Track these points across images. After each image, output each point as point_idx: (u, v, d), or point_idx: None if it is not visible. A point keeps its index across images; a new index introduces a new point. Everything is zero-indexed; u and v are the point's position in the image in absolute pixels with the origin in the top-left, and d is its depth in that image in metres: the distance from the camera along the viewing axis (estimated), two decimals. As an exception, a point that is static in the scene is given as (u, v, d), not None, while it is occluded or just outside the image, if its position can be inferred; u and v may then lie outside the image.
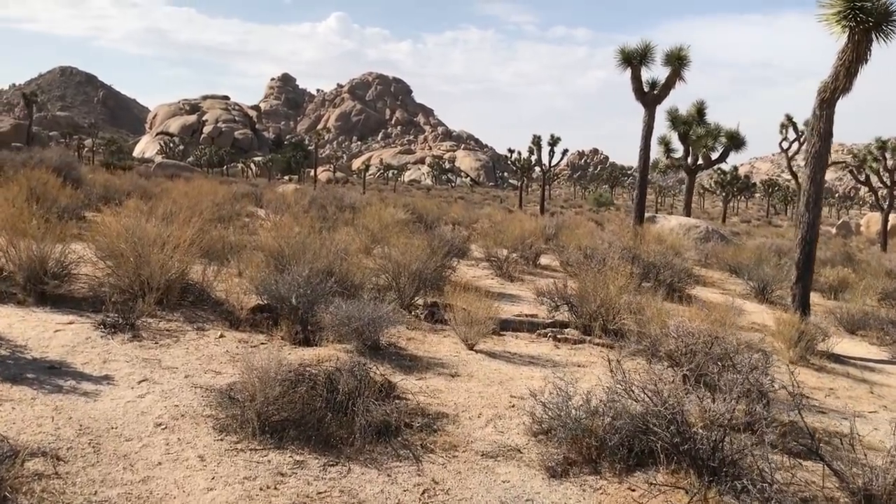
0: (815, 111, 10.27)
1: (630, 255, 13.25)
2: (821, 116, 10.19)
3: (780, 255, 23.03)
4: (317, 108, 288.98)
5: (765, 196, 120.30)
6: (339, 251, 10.52)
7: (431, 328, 9.27)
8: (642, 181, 20.49)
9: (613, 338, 9.29)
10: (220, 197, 20.50)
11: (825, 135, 10.15)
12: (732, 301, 12.10)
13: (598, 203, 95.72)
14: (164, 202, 14.83)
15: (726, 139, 32.22)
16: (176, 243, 8.67)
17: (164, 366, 6.52)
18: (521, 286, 13.61)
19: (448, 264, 12.35)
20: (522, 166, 77.62)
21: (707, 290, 15.52)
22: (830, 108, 10.10)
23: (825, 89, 10.02)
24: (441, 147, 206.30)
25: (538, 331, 9.57)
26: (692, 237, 25.66)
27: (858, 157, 49.57)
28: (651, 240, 18.88)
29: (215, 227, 13.54)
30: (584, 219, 42.44)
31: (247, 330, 7.96)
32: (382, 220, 16.15)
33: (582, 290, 9.81)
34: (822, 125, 10.19)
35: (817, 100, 10.20)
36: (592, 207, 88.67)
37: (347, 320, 7.40)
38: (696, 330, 6.90)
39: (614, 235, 24.99)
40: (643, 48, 19.55)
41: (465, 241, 15.79)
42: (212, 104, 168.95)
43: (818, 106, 10.20)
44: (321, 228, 14.81)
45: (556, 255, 17.77)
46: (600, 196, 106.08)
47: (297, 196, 24.04)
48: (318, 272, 9.03)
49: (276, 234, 11.55)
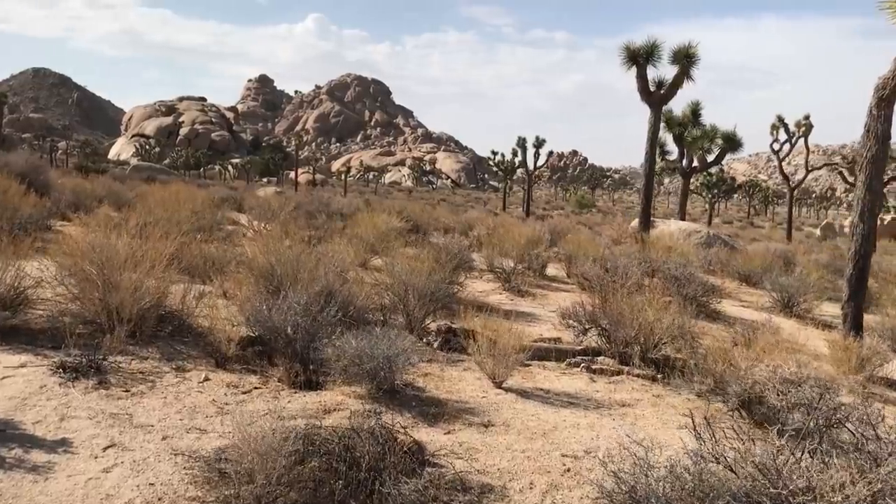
0: (872, 111, 9.17)
1: (650, 267, 12.12)
2: (878, 117, 9.10)
3: (788, 263, 22.08)
4: (295, 109, 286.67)
5: (744, 197, 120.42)
6: (338, 269, 9.29)
7: (448, 359, 8.06)
8: (648, 185, 19.41)
9: (655, 368, 8.15)
10: (200, 203, 19.16)
11: (883, 137, 9.07)
12: (769, 319, 10.99)
13: (579, 205, 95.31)
14: (138, 211, 13.53)
15: (723, 141, 31.31)
16: (151, 263, 7.42)
17: (137, 423, 5.27)
18: (534, 302, 12.44)
19: (456, 279, 11.15)
20: (506, 168, 76.74)
21: (727, 303, 14.43)
22: (889, 108, 9.02)
23: (884, 86, 8.93)
24: (421, 149, 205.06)
25: (568, 360, 8.39)
26: (693, 242, 24.62)
27: (848, 158, 48.95)
28: (660, 248, 17.81)
29: (195, 239, 12.26)
30: (573, 222, 41.44)
31: (236, 369, 6.71)
32: (377, 229, 14.92)
33: (616, 313, 8.64)
34: (879, 126, 9.11)
35: (874, 98, 9.10)
36: (574, 209, 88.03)
37: (358, 359, 6.18)
38: (794, 375, 5.74)
39: (614, 241, 23.92)
40: (649, 46, 18.46)
41: (466, 250, 14.58)
42: (188, 106, 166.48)
43: (875, 105, 9.10)
44: (312, 239, 13.57)
45: (562, 265, 16.63)
46: (582, 198, 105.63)
47: (282, 202, 22.72)
48: (317, 295, 7.82)
49: (263, 248, 10.31)
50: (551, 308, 11.98)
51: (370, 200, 39.22)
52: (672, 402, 7.31)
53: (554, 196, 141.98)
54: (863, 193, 9.45)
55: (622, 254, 13.08)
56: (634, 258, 12.17)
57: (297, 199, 28.46)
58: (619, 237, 25.37)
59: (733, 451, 4.54)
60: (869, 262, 9.72)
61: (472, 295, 12.11)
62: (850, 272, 9.94)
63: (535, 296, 12.98)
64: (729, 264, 19.75)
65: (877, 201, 9.59)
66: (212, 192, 34.12)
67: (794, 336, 11.60)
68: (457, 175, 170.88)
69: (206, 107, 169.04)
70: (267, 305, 7.18)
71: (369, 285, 9.96)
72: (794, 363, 6.54)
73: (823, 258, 28.72)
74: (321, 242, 14.09)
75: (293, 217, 18.31)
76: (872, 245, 9.53)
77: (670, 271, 12.48)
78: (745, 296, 16.25)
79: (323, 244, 14.25)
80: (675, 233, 25.15)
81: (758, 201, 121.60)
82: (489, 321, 10.33)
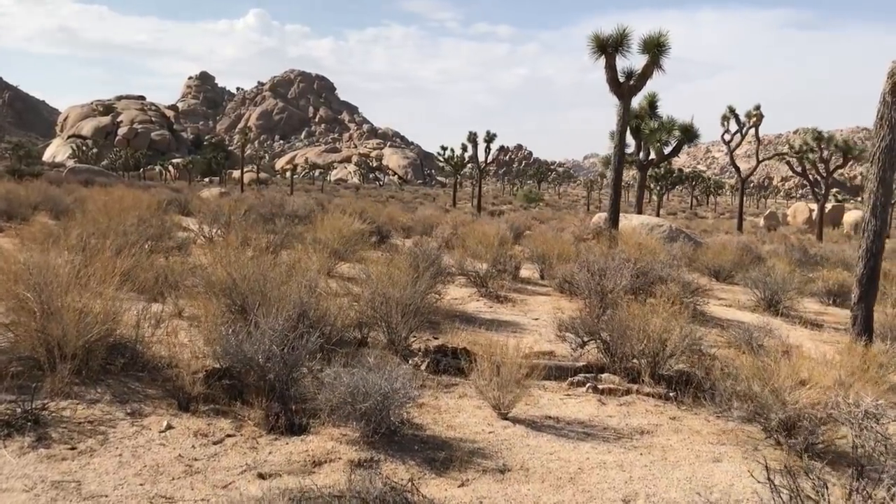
0: (885, 97, 8.56)
1: (639, 269, 11.39)
2: (892, 104, 8.49)
3: (756, 257, 21.70)
4: (237, 106, 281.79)
5: (685, 188, 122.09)
6: (308, 282, 8.34)
7: (440, 383, 7.18)
8: (617, 180, 18.75)
9: (666, 385, 7.40)
10: (146, 208, 17.92)
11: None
12: (767, 324, 10.36)
13: (527, 199, 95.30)
14: (79, 221, 12.35)
15: (680, 132, 30.88)
16: (99, 285, 6.40)
17: (87, 493, 4.29)
18: (514, 309, 11.63)
19: (435, 288, 10.28)
20: (455, 164, 75.97)
21: (709, 303, 13.83)
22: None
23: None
24: (367, 145, 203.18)
25: (570, 378, 7.59)
26: (656, 237, 24.12)
27: (794, 147, 49.46)
28: (631, 245, 17.17)
29: (145, 250, 11.16)
30: (527, 218, 40.88)
31: (203, 412, 5.72)
32: (341, 233, 13.95)
33: (620, 324, 7.86)
34: (893, 114, 8.49)
35: (888, 84, 8.48)
36: (523, 203, 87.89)
37: (351, 398, 5.27)
38: (876, 407, 4.98)
39: (577, 238, 23.29)
40: (619, 35, 17.77)
41: (438, 253, 13.70)
42: (127, 105, 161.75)
43: (889, 91, 8.48)
44: (271, 245, 12.56)
45: (535, 266, 15.85)
46: (529, 192, 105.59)
47: (232, 204, 21.51)
48: (291, 317, 6.88)
49: (223, 259, 9.29)
50: (534, 315, 11.20)
51: (322, 201, 38.07)
52: (693, 425, 6.57)
53: (501, 191, 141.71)
54: (875, 187, 8.84)
55: (603, 254, 12.34)
56: (620, 259, 11.43)
57: (248, 200, 27.25)
58: (582, 233, 24.79)
59: None
60: (880, 260, 9.12)
61: (448, 303, 11.27)
62: (860, 271, 9.33)
63: (515, 302, 12.18)
64: (697, 259, 19.24)
65: (890, 195, 8.98)
66: (155, 195, 32.63)
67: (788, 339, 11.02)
68: (404, 171, 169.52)
69: (145, 106, 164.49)
70: (235, 332, 6.22)
71: (344, 299, 9.05)
72: (839, 385, 5.83)
73: (773, 248, 28.57)
74: (282, 249, 13.08)
75: (247, 221, 17.21)
76: (883, 244, 8.90)
77: (657, 273, 11.79)
78: (721, 293, 15.71)
79: (284, 251, 13.26)
80: (637, 227, 24.61)
81: (699, 192, 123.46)
82: (476, 334, 9.51)
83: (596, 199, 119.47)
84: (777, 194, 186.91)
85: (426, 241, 17.46)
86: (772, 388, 5.66)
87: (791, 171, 50.62)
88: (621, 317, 8.09)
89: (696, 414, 6.91)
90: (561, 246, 16.91)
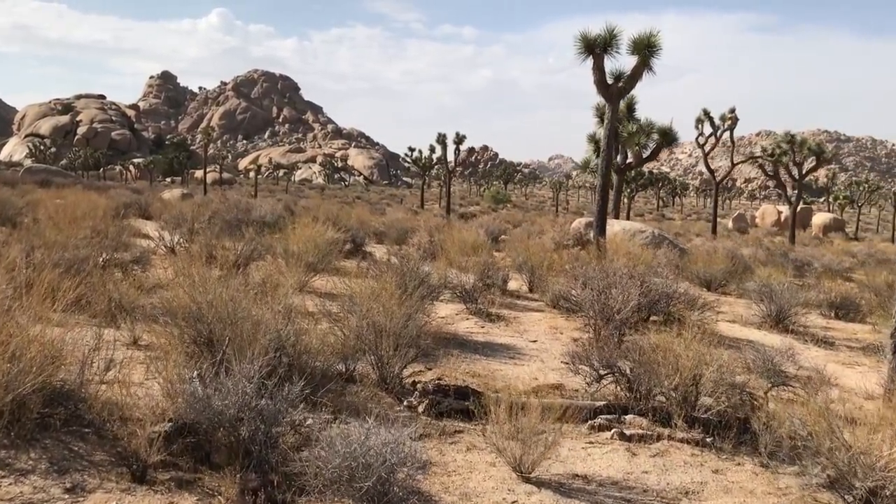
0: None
1: (643, 285, 10.44)
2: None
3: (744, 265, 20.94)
4: (199, 106, 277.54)
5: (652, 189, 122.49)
6: (285, 308, 7.25)
7: (443, 430, 6.15)
8: (604, 186, 17.83)
9: (702, 428, 6.44)
10: (101, 214, 16.65)
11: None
12: (790, 348, 9.47)
13: (495, 200, 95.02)
14: (24, 232, 11.11)
15: (658, 135, 30.21)
16: (35, 326, 5.28)
17: None
18: (508, 329, 10.62)
19: (424, 308, 9.25)
20: (423, 165, 74.95)
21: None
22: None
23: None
24: (332, 145, 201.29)
25: (590, 421, 6.60)
26: (639, 243, 23.31)
27: (767, 150, 49.23)
28: (621, 254, 16.28)
29: (98, 266, 9.98)
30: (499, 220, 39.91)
31: (162, 483, 4.63)
32: (314, 242, 12.83)
33: (642, 355, 6.90)
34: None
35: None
36: (490, 205, 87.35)
37: (348, 474, 4.22)
38: None
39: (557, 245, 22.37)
40: (607, 35, 16.86)
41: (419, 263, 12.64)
42: (86, 104, 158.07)
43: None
44: (240, 259, 11.44)
45: (520, 276, 14.86)
46: (497, 193, 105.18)
47: (195, 208, 20.24)
48: (266, 354, 5.82)
49: (186, 278, 8.17)
50: (531, 337, 10.21)
51: (289, 203, 36.80)
52: (741, 481, 5.63)
53: (468, 191, 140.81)
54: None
55: (600, 268, 11.40)
56: (622, 275, 10.48)
57: (211, 204, 25.95)
58: (563, 240, 23.88)
59: None
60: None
61: (436, 323, 10.24)
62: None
63: (507, 320, 11.17)
64: (686, 268, 18.43)
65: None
66: (114, 197, 31.10)
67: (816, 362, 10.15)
68: (369, 172, 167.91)
69: (105, 105, 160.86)
70: (201, 377, 5.14)
71: (324, 323, 7.99)
72: None
73: (760, 253, 27.96)
74: (251, 262, 11.96)
75: (212, 230, 16.02)
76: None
77: (660, 289, 10.86)
78: (719, 306, 14.83)
79: (254, 263, 12.14)
80: (618, 233, 23.78)
81: (665, 193, 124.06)
82: (473, 363, 8.50)
83: (563, 200, 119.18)
84: (741, 195, 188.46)
85: (406, 250, 16.41)
86: (855, 452, 4.71)
87: (763, 173, 50.35)
88: (643, 346, 7.14)
89: (739, 464, 5.98)
90: (545, 254, 15.98)
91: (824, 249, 37.00)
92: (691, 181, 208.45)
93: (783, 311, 12.55)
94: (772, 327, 12.43)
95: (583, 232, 24.46)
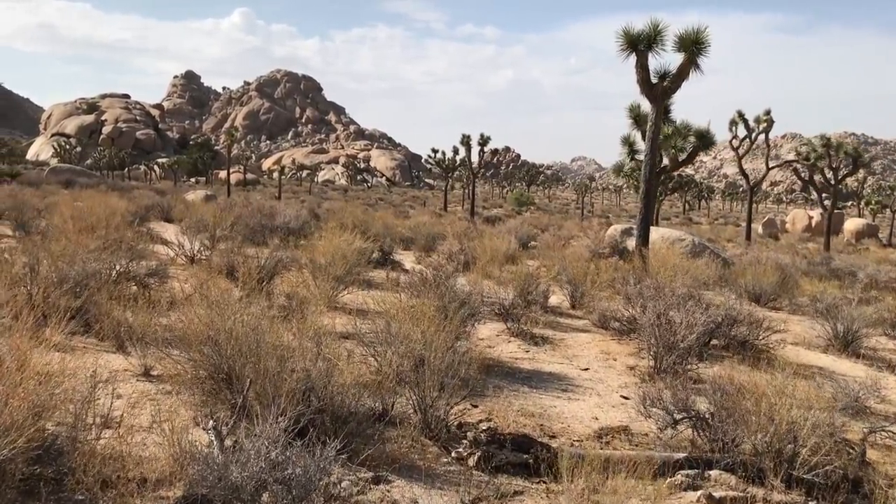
0: None
1: (704, 305, 9.46)
2: None
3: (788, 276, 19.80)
4: (223, 106, 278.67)
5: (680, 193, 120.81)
6: (315, 335, 6.37)
7: (499, 491, 5.23)
8: (648, 192, 16.84)
9: (805, 492, 5.47)
10: (119, 219, 15.89)
11: None
12: (875, 380, 8.44)
13: (518, 203, 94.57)
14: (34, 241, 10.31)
15: (695, 138, 29.07)
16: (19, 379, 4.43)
17: None
18: (555, 353, 9.67)
19: (467, 333, 8.34)
20: (447, 166, 74.13)
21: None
22: None
23: None
24: (355, 146, 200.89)
25: (669, 478, 5.66)
26: (678, 251, 22.25)
27: (802, 154, 47.94)
28: (668, 268, 15.27)
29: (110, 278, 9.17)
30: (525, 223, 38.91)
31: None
32: (344, 256, 11.94)
33: (732, 401, 5.94)
34: None
35: None
36: (514, 207, 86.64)
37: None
38: None
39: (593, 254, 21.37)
40: (651, 31, 15.87)
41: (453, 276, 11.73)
42: (111, 103, 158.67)
43: None
44: (263, 272, 10.58)
45: (559, 288, 13.88)
46: (521, 195, 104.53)
47: (217, 213, 19.44)
48: (292, 397, 4.95)
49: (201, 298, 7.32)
50: (581, 363, 9.26)
51: (313, 207, 36.10)
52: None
53: (490, 193, 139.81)
54: None
55: (656, 286, 10.43)
56: (681, 295, 9.51)
57: (234, 208, 25.20)
58: (597, 247, 22.88)
59: None
60: None
61: (477, 346, 9.33)
62: None
63: (553, 343, 10.22)
64: (733, 281, 17.36)
65: None
66: (136, 199, 30.48)
67: None
68: (392, 173, 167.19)
69: (130, 104, 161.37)
70: (218, 437, 4.27)
71: (356, 351, 7.11)
72: None
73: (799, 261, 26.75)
74: (276, 275, 11.10)
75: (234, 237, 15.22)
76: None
77: (723, 311, 9.87)
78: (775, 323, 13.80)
79: (278, 276, 11.29)
80: (657, 241, 22.73)
81: (691, 196, 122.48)
82: (523, 398, 7.58)
83: (588, 203, 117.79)
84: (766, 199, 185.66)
85: (436, 260, 15.51)
86: None
87: (798, 178, 49.05)
88: (727, 388, 6.18)
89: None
90: (583, 265, 15.01)
91: (864, 257, 35.68)
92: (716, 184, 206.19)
93: (851, 333, 11.48)
94: (840, 351, 11.36)
95: (619, 239, 23.43)
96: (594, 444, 6.27)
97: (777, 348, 10.08)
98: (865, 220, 76.52)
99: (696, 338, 8.27)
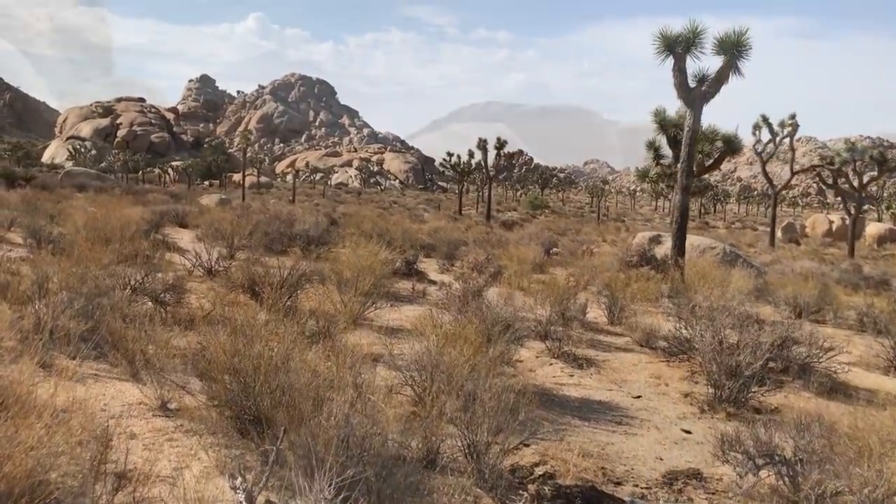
0: None
1: (768, 328, 8.74)
2: None
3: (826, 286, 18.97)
4: (237, 109, 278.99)
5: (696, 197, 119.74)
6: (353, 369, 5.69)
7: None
8: (684, 201, 16.11)
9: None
10: (135, 227, 15.25)
11: None
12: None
13: (532, 206, 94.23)
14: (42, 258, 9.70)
15: (722, 143, 28.30)
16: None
17: None
18: (602, 378, 8.94)
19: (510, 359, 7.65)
20: (462, 170, 73.56)
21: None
22: None
23: None
24: (368, 149, 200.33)
25: (759, 537, 4.95)
26: (709, 260, 21.49)
27: (826, 159, 47.10)
28: (709, 281, 14.54)
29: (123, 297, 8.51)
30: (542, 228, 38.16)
31: None
32: (371, 269, 11.26)
33: (826, 445, 5.23)
34: None
35: None
36: (528, 210, 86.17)
37: None
38: None
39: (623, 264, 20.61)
40: (690, 33, 15.16)
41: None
42: (126, 107, 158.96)
43: None
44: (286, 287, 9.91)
45: (598, 302, 13.15)
46: (535, 199, 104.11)
47: (235, 220, 18.80)
48: (331, 447, 4.28)
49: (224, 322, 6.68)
50: (632, 390, 8.53)
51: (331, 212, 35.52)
52: None
53: (504, 196, 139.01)
54: None
55: (710, 306, 9.72)
56: (740, 315, 8.80)
57: (250, 213, 24.61)
58: (625, 256, 22.11)
59: None
60: None
61: (519, 372, 8.64)
62: None
63: (597, 365, 9.50)
64: (770, 292, 16.58)
65: None
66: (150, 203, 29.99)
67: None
68: (405, 176, 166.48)
69: (144, 108, 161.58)
70: (248, 501, 3.59)
71: (392, 383, 6.43)
72: None
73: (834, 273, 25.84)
74: (299, 289, 10.42)
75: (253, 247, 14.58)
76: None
77: (780, 330, 9.14)
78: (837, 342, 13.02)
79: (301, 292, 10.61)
80: (686, 249, 22.01)
81: (706, 200, 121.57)
82: (577, 433, 6.86)
83: (603, 206, 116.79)
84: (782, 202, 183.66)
85: (464, 271, 14.82)
86: None
87: (822, 182, 48.12)
88: (813, 429, 5.46)
89: None
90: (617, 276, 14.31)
91: (892, 264, 34.76)
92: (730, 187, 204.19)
93: (914, 355, 10.71)
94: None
95: (647, 247, 22.65)
96: (665, 492, 5.57)
97: (841, 372, 9.30)
98: (887, 224, 75.30)
99: (761, 364, 7.54)
